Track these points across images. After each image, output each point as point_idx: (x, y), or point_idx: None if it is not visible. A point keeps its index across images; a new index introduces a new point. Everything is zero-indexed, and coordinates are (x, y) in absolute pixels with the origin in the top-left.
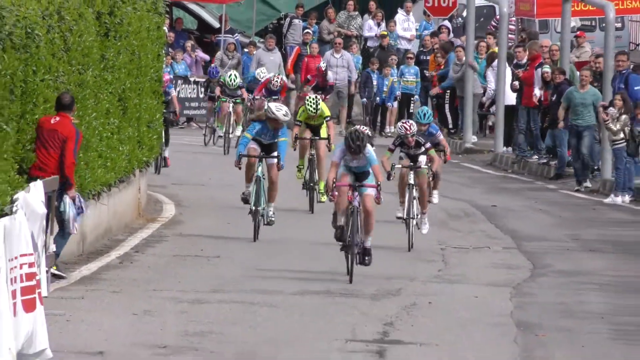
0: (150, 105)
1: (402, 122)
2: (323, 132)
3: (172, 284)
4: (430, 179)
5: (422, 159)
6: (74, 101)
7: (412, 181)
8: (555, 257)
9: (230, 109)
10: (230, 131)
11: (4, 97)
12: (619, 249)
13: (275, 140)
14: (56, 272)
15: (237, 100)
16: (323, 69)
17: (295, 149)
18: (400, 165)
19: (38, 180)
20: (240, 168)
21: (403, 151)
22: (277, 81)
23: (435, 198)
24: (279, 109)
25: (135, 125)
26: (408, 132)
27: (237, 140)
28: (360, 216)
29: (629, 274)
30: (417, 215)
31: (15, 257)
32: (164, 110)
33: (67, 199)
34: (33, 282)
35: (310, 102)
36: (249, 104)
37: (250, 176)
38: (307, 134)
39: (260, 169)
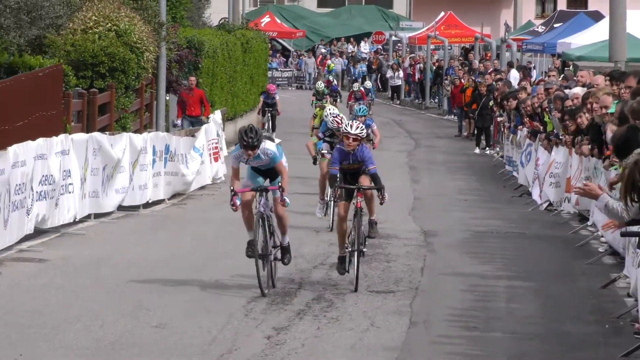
0: (261, 80)
1: (334, 117)
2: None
3: None
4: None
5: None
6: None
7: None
8: (425, 140)
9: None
10: None
11: (205, 76)
12: (451, 137)
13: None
14: None
15: (324, 103)
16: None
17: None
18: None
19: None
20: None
21: (327, 141)
22: (356, 88)
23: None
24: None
25: (256, 88)
26: (340, 126)
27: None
28: (273, 221)
29: (461, 159)
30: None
31: (210, 140)
32: (271, 109)
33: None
34: (217, 150)
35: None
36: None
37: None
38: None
39: None
